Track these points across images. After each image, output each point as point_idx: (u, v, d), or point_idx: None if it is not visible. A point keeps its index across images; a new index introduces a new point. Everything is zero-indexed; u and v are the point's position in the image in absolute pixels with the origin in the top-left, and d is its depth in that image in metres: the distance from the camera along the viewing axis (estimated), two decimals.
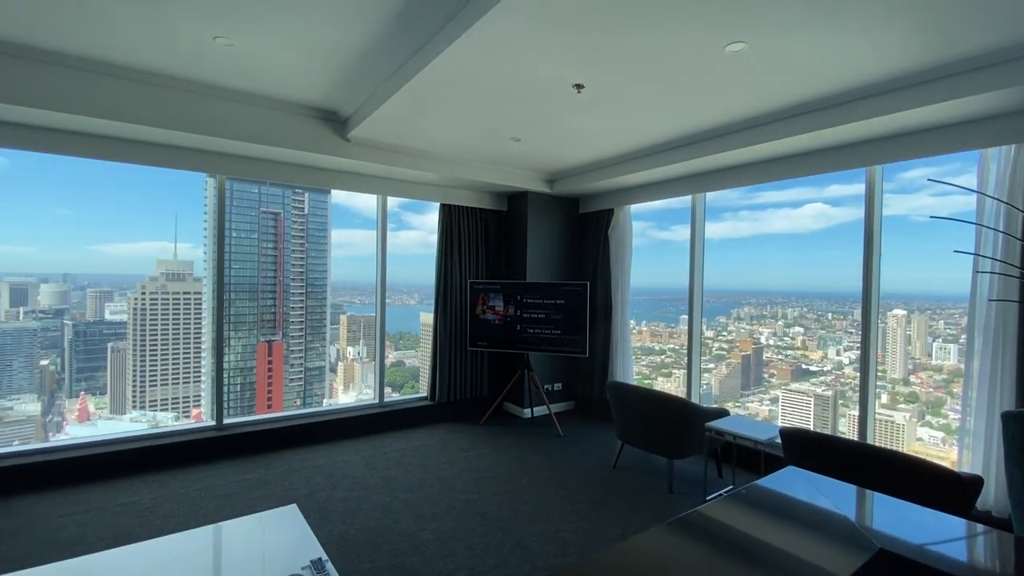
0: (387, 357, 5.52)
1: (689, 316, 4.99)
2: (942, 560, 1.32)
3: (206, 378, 4.89)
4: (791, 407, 4.71)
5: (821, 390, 4.58)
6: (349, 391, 5.96)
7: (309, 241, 5.50)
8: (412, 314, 6.21)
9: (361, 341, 6.09)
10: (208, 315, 4.90)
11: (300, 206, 5.44)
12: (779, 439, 3.02)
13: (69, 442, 3.89)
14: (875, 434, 3.73)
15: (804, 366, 4.78)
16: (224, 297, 4.55)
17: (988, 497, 2.95)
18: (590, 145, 4.39)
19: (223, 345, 4.54)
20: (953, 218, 3.05)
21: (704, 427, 3.50)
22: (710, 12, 2.22)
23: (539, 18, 2.24)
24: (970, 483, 2.30)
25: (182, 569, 1.93)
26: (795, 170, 3.94)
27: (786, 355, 4.94)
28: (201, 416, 4.87)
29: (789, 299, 5.02)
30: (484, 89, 3.11)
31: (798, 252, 4.69)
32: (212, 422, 4.46)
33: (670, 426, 3.65)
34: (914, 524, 1.55)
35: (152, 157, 3.87)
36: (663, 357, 5.96)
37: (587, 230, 5.95)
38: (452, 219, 5.57)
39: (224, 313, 4.56)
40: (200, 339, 4.97)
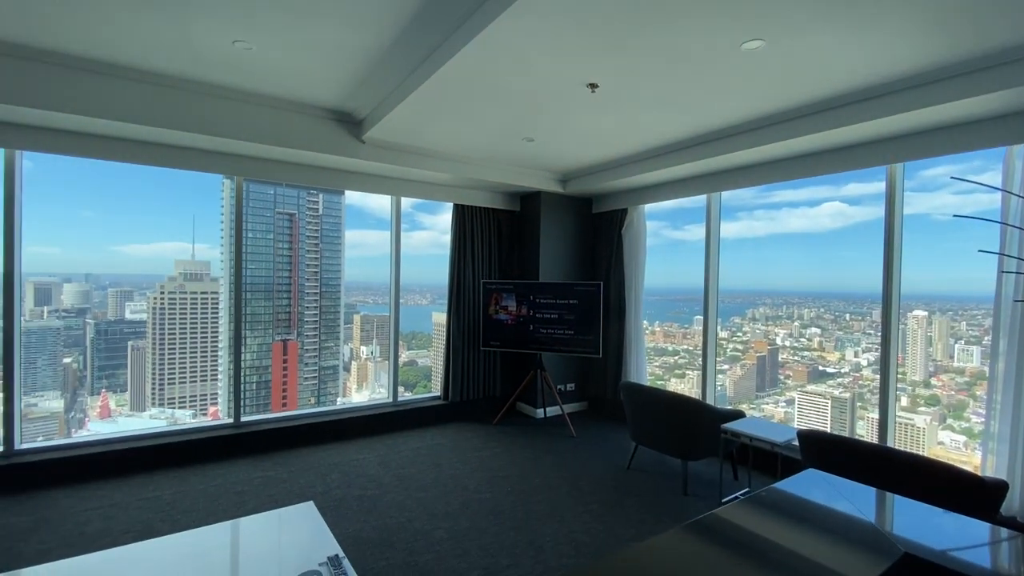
0: (400, 357, 5.56)
1: (704, 316, 4.94)
2: (967, 566, 1.30)
3: (223, 376, 4.97)
4: (807, 409, 4.65)
5: (838, 392, 4.51)
6: (362, 390, 6.01)
7: (323, 241, 5.56)
8: (424, 314, 6.24)
9: (374, 340, 6.14)
10: (224, 314, 4.98)
11: (314, 207, 5.50)
12: (796, 441, 2.99)
13: (92, 438, 3.98)
14: (895, 437, 3.66)
15: (821, 368, 4.71)
16: (241, 297, 4.62)
17: (1013, 502, 2.89)
18: (604, 144, 4.37)
19: (241, 344, 4.60)
20: (977, 217, 2.99)
21: (719, 429, 3.47)
22: (726, 10, 2.20)
23: (553, 18, 2.25)
24: (994, 488, 2.25)
25: (204, 563, 1.97)
26: (813, 169, 3.88)
27: (802, 356, 4.87)
28: (218, 414, 4.95)
29: (805, 299, 4.95)
30: (498, 89, 3.12)
31: (815, 252, 4.63)
32: (229, 420, 4.53)
33: (685, 427, 3.63)
34: (937, 528, 1.53)
35: (172, 159, 3.95)
36: (676, 358, 5.92)
37: (600, 230, 5.92)
38: (465, 219, 5.59)
39: (241, 312, 4.63)
40: (217, 338, 5.05)
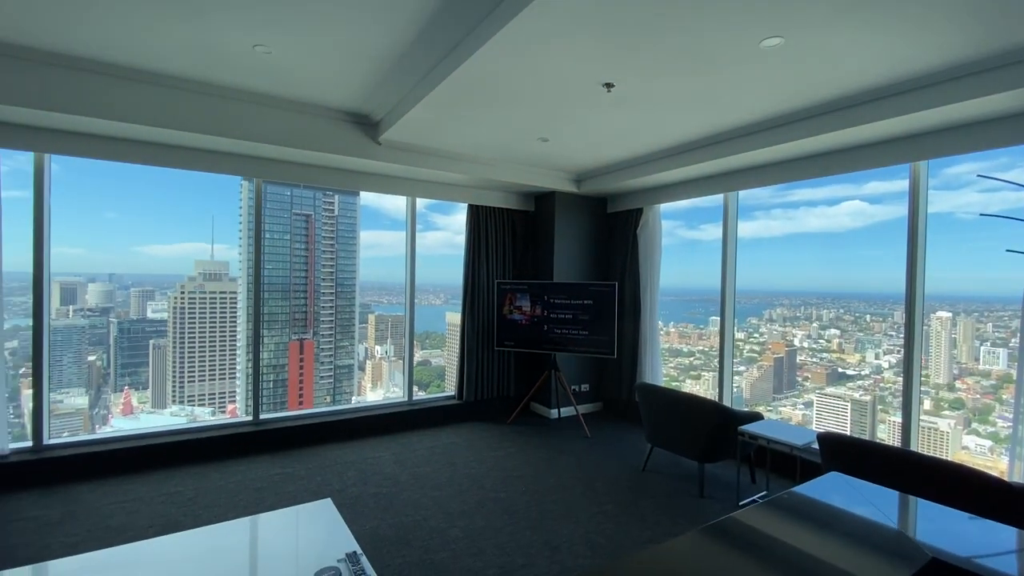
0: (414, 356, 5.59)
1: (721, 317, 4.89)
2: (996, 573, 1.27)
3: (241, 374, 5.05)
4: (826, 412, 4.57)
5: (859, 395, 4.43)
6: (377, 389, 6.07)
7: (339, 242, 5.62)
8: (438, 314, 6.27)
9: (388, 340, 6.19)
10: (242, 313, 5.06)
11: (330, 208, 5.56)
12: (816, 444, 2.94)
13: (116, 434, 4.08)
14: (918, 441, 3.59)
15: (840, 370, 4.63)
16: (259, 296, 4.69)
17: None
18: (619, 144, 4.35)
19: (260, 343, 4.67)
20: (1005, 215, 2.91)
21: (737, 431, 3.43)
22: (745, 7, 2.17)
23: (570, 17, 2.24)
24: (1022, 493, 2.19)
25: (225, 558, 2.00)
26: (833, 167, 3.81)
27: (821, 358, 4.79)
28: (236, 411, 5.03)
29: (824, 300, 4.87)
30: (513, 90, 3.12)
31: (834, 251, 4.55)
32: (248, 417, 4.60)
33: (702, 429, 3.59)
34: (964, 534, 1.49)
35: (193, 162, 4.03)
36: (691, 359, 5.86)
37: (615, 230, 5.89)
38: (480, 219, 5.61)
39: (259, 312, 4.70)
40: (235, 337, 5.14)
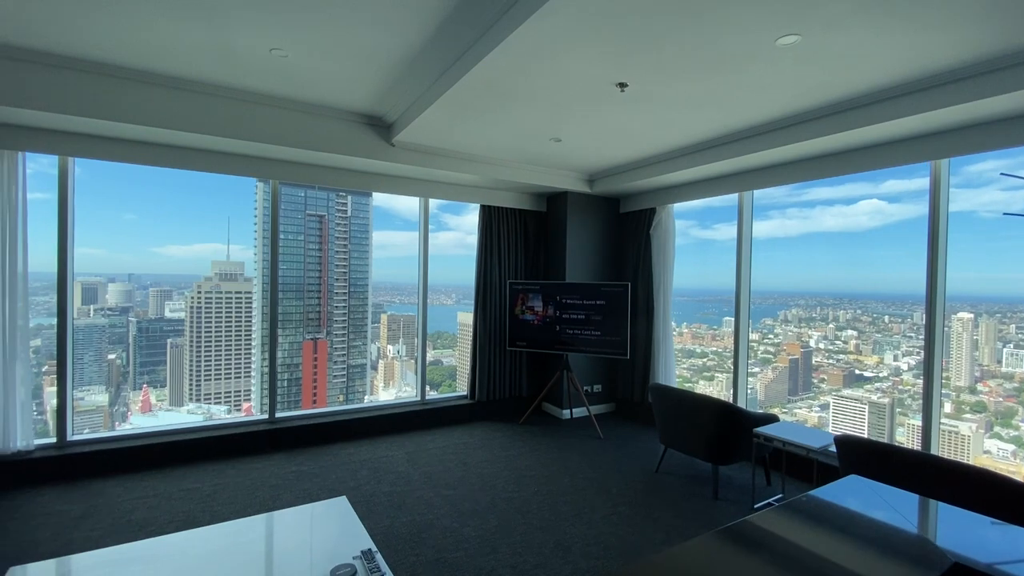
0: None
1: (736, 318, 4.84)
2: None
3: (256, 373, 5.12)
4: (843, 414, 4.51)
5: (877, 397, 4.36)
6: (389, 388, 6.11)
7: (352, 242, 5.68)
8: (450, 314, 6.30)
9: (400, 340, 6.23)
10: (257, 313, 5.13)
11: (343, 209, 5.62)
12: (834, 447, 2.90)
13: (136, 431, 4.16)
14: (939, 445, 3.52)
15: (858, 371, 4.56)
16: (276, 296, 4.75)
17: None
18: (632, 144, 4.33)
19: (276, 342, 4.73)
20: None
21: (752, 433, 3.40)
22: (762, 4, 2.15)
23: (584, 17, 2.24)
24: None
25: (243, 553, 2.04)
26: (851, 165, 3.75)
27: (838, 360, 4.72)
28: (251, 410, 5.10)
29: (841, 301, 4.79)
30: (526, 90, 3.13)
31: (851, 251, 4.48)
32: (263, 416, 4.66)
33: (716, 431, 3.56)
34: (986, 539, 1.47)
35: (211, 164, 4.09)
36: (705, 360, 5.82)
37: (627, 230, 5.87)
38: (492, 220, 5.62)
39: (275, 312, 4.76)
40: (251, 336, 5.21)
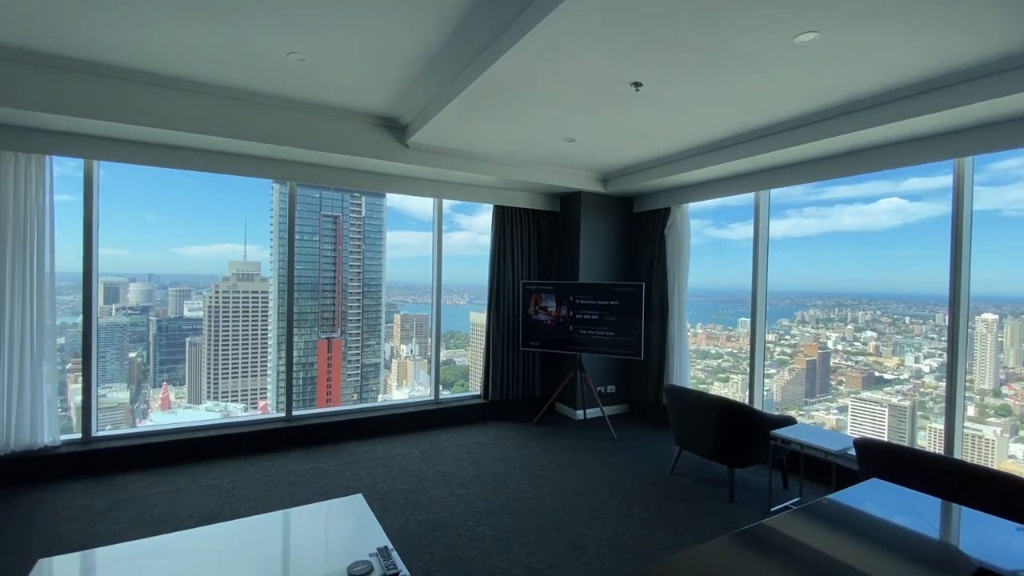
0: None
1: (752, 319, 4.78)
2: None
3: (271, 372, 5.19)
4: (862, 417, 4.42)
5: (897, 400, 4.27)
6: (402, 387, 6.15)
7: (366, 243, 5.73)
8: (462, 314, 6.32)
9: (413, 339, 6.27)
10: (273, 312, 5.21)
11: (357, 209, 5.67)
12: (853, 451, 2.85)
13: (158, 428, 4.25)
14: (962, 449, 3.44)
15: (877, 374, 4.47)
16: (292, 296, 4.81)
17: None
18: (647, 143, 4.31)
19: (292, 341, 4.79)
20: None
21: (769, 435, 3.36)
22: (779, 2, 2.12)
23: (601, 16, 2.23)
24: None
25: (262, 549, 2.08)
26: (872, 164, 3.68)
27: (856, 361, 4.64)
28: (267, 408, 5.18)
29: (860, 301, 4.71)
30: (541, 90, 3.13)
31: (871, 251, 4.40)
32: (280, 414, 4.73)
33: (733, 433, 3.52)
34: (1011, 545, 1.43)
35: (231, 166, 4.17)
36: (720, 361, 5.76)
37: (642, 229, 5.83)
38: (505, 220, 5.63)
39: (292, 311, 4.82)
40: (267, 335, 5.29)
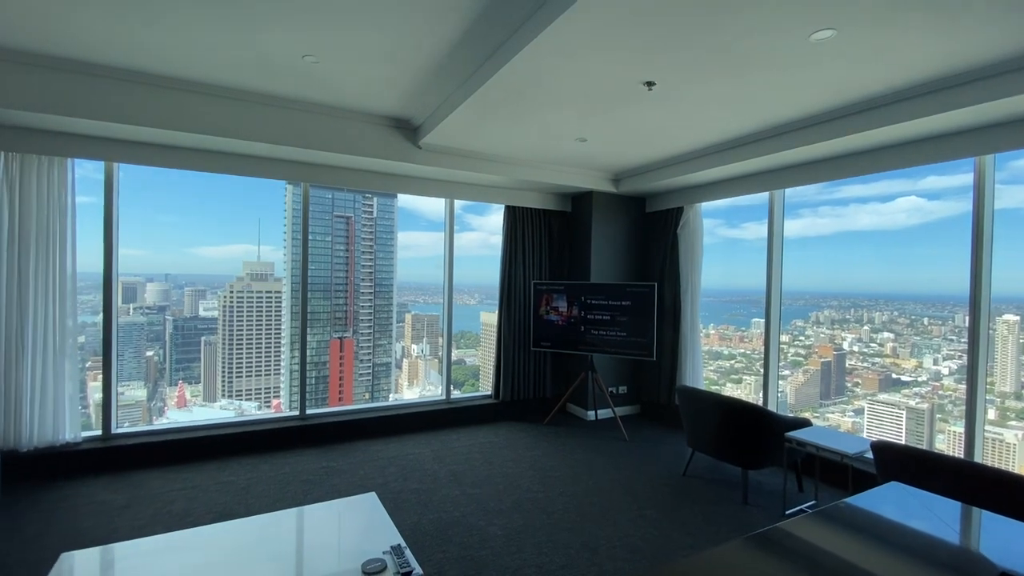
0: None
1: (766, 319, 4.73)
2: None
3: (284, 371, 5.25)
4: (879, 420, 4.36)
5: (915, 402, 4.20)
6: (413, 387, 6.18)
7: (377, 243, 5.77)
8: (473, 313, 6.33)
9: (424, 339, 6.30)
10: (287, 312, 5.26)
11: (369, 210, 5.72)
12: (870, 453, 2.81)
13: (175, 425, 4.32)
14: (982, 453, 3.38)
15: (895, 375, 4.40)
16: (306, 296, 4.86)
17: None
18: (659, 143, 4.28)
19: (306, 340, 4.84)
20: None
21: (783, 437, 3.32)
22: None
23: (614, 16, 2.22)
24: None
25: (276, 545, 2.11)
26: (890, 162, 3.62)
27: (873, 363, 4.56)
28: (280, 406, 5.24)
29: (876, 302, 4.64)
30: (553, 90, 3.13)
31: (887, 250, 4.33)
32: (294, 412, 4.78)
33: (747, 435, 3.49)
34: None
35: (246, 168, 4.22)
36: (732, 362, 5.70)
37: (654, 229, 5.80)
38: (516, 220, 5.63)
39: (305, 311, 4.88)
40: (280, 335, 5.35)
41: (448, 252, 5.48)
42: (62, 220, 3.69)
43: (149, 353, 5.16)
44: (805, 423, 3.56)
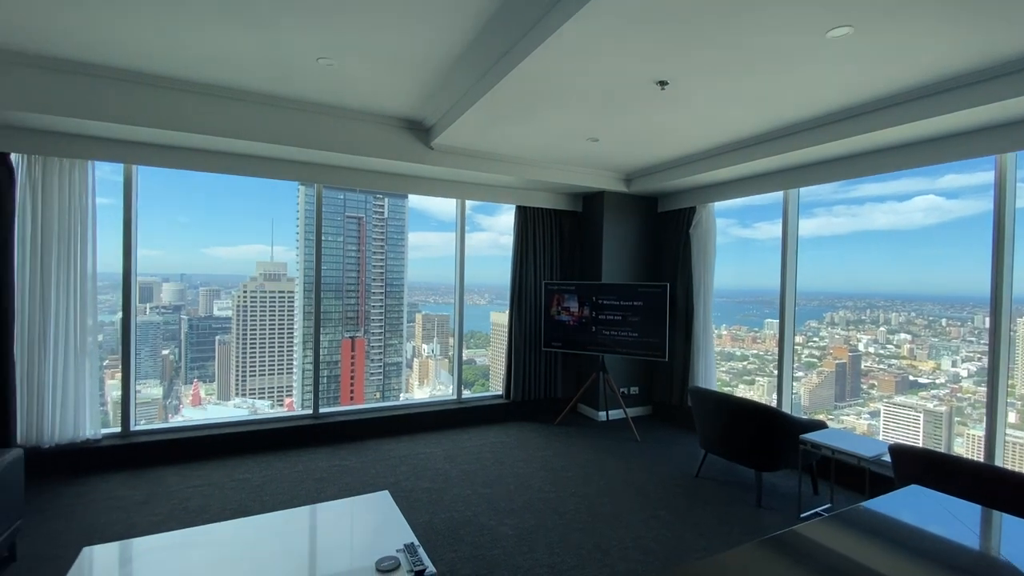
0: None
1: (780, 320, 4.68)
2: None
3: (297, 370, 5.31)
4: (895, 422, 4.29)
5: (933, 405, 4.12)
6: (424, 387, 6.21)
7: (388, 243, 5.81)
8: (483, 313, 6.34)
9: (435, 339, 6.32)
10: (299, 312, 5.32)
11: (380, 211, 5.76)
12: (887, 456, 2.77)
13: (191, 423, 4.38)
14: (1002, 457, 3.31)
15: (912, 377, 4.33)
16: (319, 295, 4.91)
17: None
18: (672, 142, 4.26)
19: (319, 340, 4.89)
20: None
21: (798, 439, 3.29)
22: None
23: (627, 15, 2.22)
24: None
25: (291, 542, 2.13)
26: (908, 160, 3.56)
27: (889, 365, 4.49)
28: (293, 405, 5.29)
29: (893, 303, 4.56)
30: (565, 90, 3.12)
31: (905, 250, 4.26)
32: (307, 411, 4.83)
33: (761, 437, 3.46)
34: None
35: (260, 169, 4.27)
36: (745, 363, 5.65)
37: (666, 229, 5.77)
38: (527, 221, 5.63)
39: (319, 310, 4.92)
40: (292, 334, 5.41)
41: (459, 252, 5.50)
42: (83, 221, 3.76)
43: (165, 352, 5.24)
44: (820, 425, 3.51)
